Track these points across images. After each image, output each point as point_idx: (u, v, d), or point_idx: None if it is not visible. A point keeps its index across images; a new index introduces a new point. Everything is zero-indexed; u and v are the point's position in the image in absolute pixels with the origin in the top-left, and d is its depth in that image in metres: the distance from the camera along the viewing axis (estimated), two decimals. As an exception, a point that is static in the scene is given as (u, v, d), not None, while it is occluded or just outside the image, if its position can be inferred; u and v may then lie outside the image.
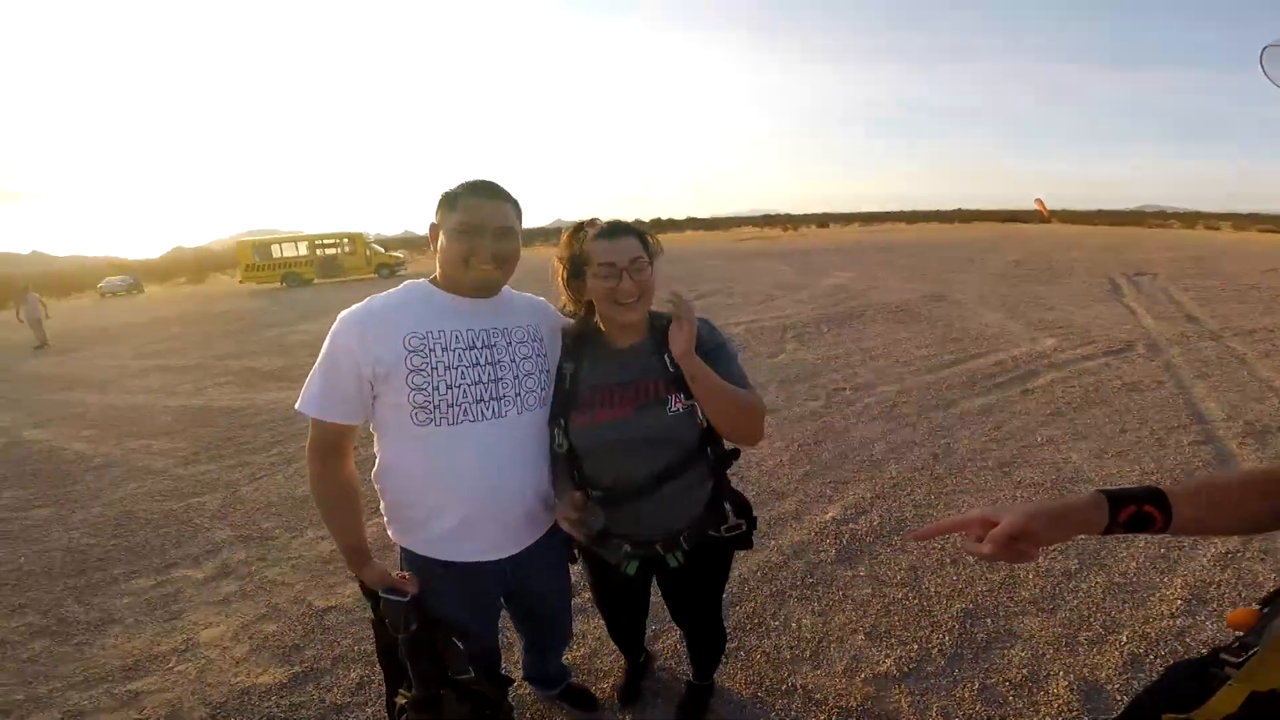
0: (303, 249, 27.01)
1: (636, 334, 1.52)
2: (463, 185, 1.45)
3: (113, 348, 12.64)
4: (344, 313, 1.43)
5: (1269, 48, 0.96)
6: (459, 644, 1.53)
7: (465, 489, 1.46)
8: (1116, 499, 0.87)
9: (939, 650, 2.29)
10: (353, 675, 2.40)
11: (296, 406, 1.43)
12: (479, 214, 1.41)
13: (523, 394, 1.49)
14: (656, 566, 1.63)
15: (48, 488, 4.88)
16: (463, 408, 1.42)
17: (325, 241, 27.10)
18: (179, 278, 46.45)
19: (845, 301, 10.34)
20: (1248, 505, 0.89)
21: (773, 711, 2.08)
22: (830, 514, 3.33)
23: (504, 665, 2.31)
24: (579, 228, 1.52)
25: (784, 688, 2.17)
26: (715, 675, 2.13)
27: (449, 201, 1.43)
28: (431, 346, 1.41)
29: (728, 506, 1.60)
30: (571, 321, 1.60)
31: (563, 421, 1.52)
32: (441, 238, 1.44)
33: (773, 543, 3.10)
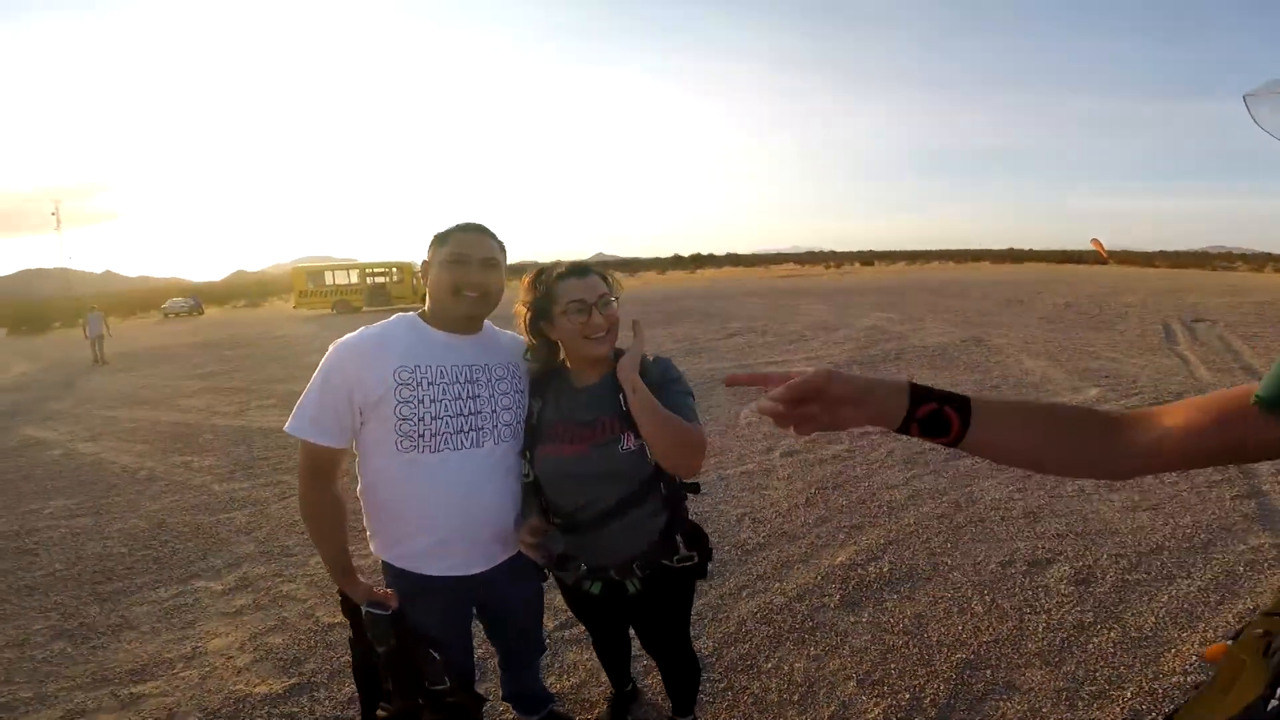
0: (353, 277, 28.03)
1: (597, 373, 1.60)
2: (454, 226, 1.58)
3: (169, 367, 13.26)
4: (338, 342, 1.53)
5: (1249, 97, 0.94)
6: (435, 655, 1.59)
7: (442, 511, 1.54)
8: (920, 392, 0.79)
9: (931, 700, 2.21)
10: (346, 689, 2.44)
11: (285, 428, 1.51)
12: (466, 247, 1.54)
13: (499, 426, 1.59)
14: (618, 591, 1.67)
15: (92, 498, 5.12)
16: (444, 437, 1.51)
17: (375, 270, 28.08)
18: (238, 300, 48.61)
19: (881, 343, 10.19)
20: (1053, 439, 0.80)
21: None
22: (840, 558, 3.26)
23: (480, 686, 2.34)
24: (540, 272, 1.60)
25: (768, 732, 2.12)
26: (699, 712, 2.10)
27: (440, 239, 1.56)
28: (419, 380, 1.51)
29: (679, 539, 1.65)
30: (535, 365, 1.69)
31: (529, 453, 1.61)
32: (432, 271, 1.55)
33: (777, 585, 3.04)
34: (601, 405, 1.55)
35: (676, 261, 74.72)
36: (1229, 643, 0.87)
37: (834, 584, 3.02)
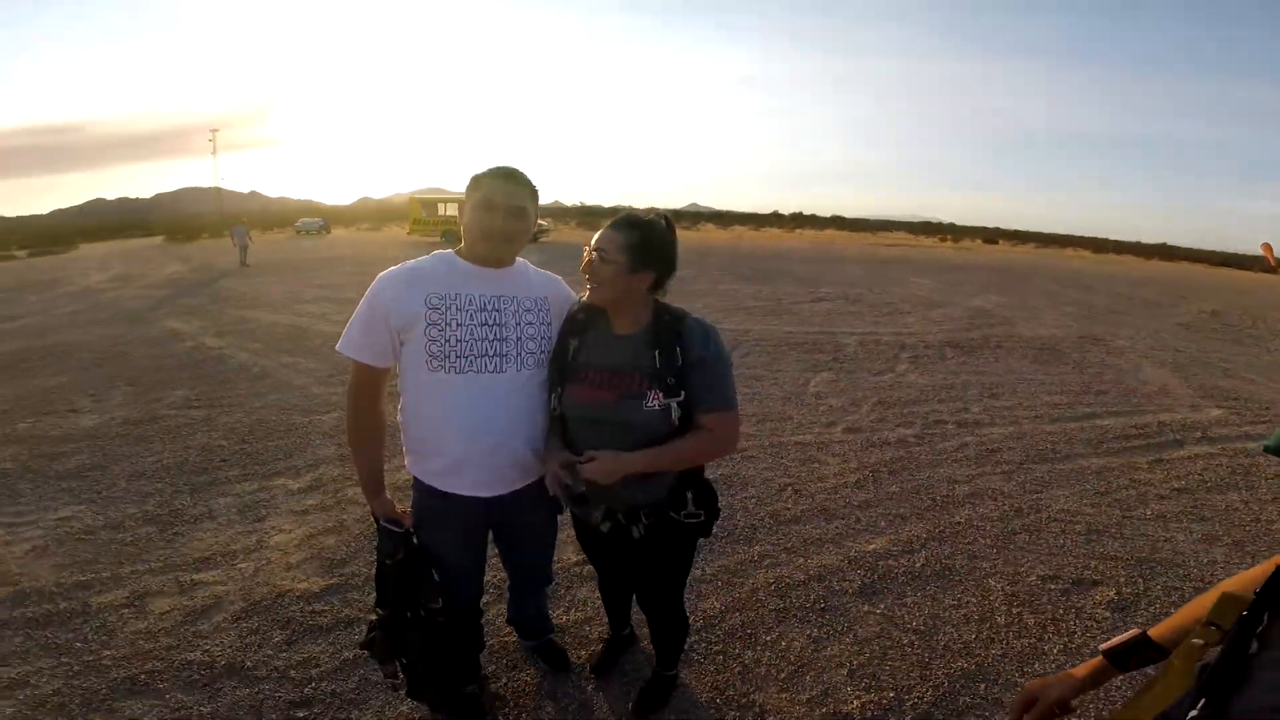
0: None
1: (636, 324, 1.65)
2: (489, 169, 1.66)
3: (294, 276, 14.48)
4: (382, 273, 1.68)
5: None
6: (436, 577, 1.75)
7: (460, 429, 1.67)
8: (1124, 664, 1.06)
9: (912, 704, 2.19)
10: (374, 595, 2.69)
11: (337, 347, 1.69)
12: (496, 194, 1.62)
13: (523, 355, 1.69)
14: (624, 534, 1.75)
15: (209, 390, 5.76)
16: (468, 359, 1.64)
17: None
18: (362, 223, 51.79)
19: (983, 328, 9.56)
20: None
21: None
22: (873, 546, 3.21)
23: (492, 610, 2.51)
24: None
25: (744, 701, 2.18)
26: (686, 669, 2.18)
27: (475, 182, 1.65)
28: (448, 305, 1.63)
29: (689, 495, 1.70)
30: (582, 301, 1.76)
31: (559, 389, 1.69)
32: (466, 212, 1.66)
33: (800, 561, 3.05)
34: (635, 358, 1.61)
35: (775, 219, 72.06)
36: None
37: (858, 570, 2.99)
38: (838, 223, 70.36)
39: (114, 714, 2.11)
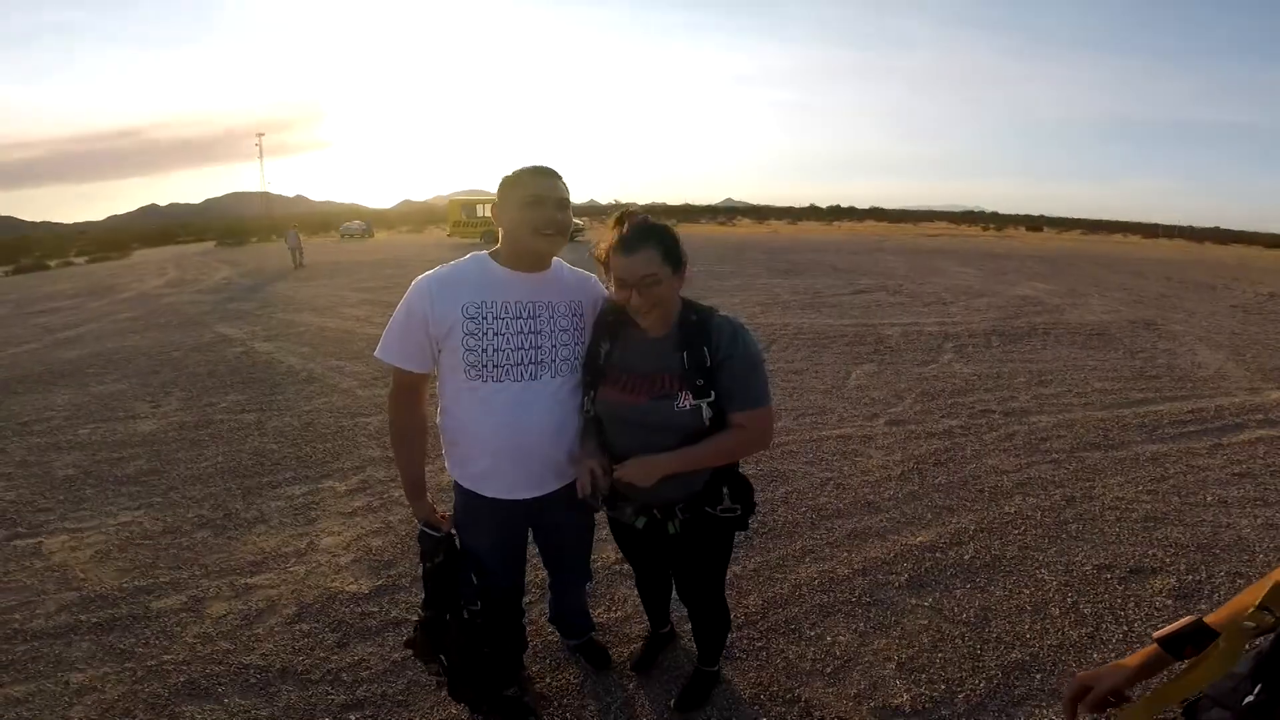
0: (496, 208, 29.50)
1: (665, 325, 1.64)
2: (528, 167, 1.65)
3: (339, 280, 14.86)
4: (418, 279, 1.69)
5: None
6: (474, 579, 1.77)
7: (497, 435, 1.68)
8: (1177, 651, 1.00)
9: (965, 696, 2.14)
10: (421, 595, 2.74)
11: (375, 354, 1.71)
12: (543, 189, 1.61)
13: (557, 361, 1.70)
14: (660, 530, 1.75)
15: (260, 394, 5.94)
16: (505, 368, 1.64)
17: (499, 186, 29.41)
18: (403, 226, 52.87)
19: (1030, 316, 9.28)
20: None
21: (764, 716, 2.09)
22: (920, 538, 3.15)
23: (535, 609, 2.53)
24: (619, 220, 1.63)
25: (788, 696, 2.16)
26: (730, 666, 2.18)
27: (513, 183, 1.63)
28: (485, 314, 1.63)
29: (725, 490, 1.70)
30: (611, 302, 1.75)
31: (593, 392, 1.70)
32: (509, 212, 1.63)
33: (844, 555, 3.01)
34: (665, 361, 1.61)
35: (812, 212, 71.06)
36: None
37: (906, 563, 2.94)
38: (877, 214, 69.13)
39: (176, 718, 2.17)
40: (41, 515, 3.68)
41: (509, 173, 1.66)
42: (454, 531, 1.83)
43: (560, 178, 1.66)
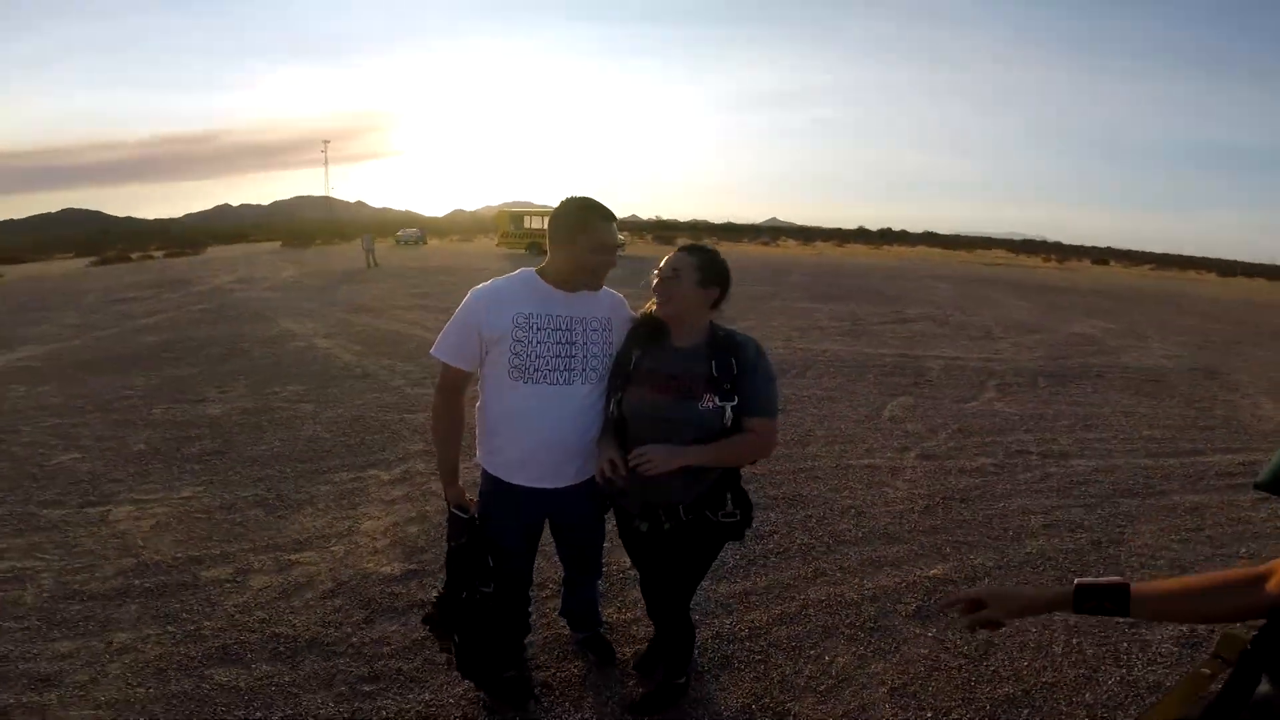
0: (547, 223, 30.03)
1: (695, 337, 1.86)
2: (595, 210, 1.87)
3: (394, 284, 15.47)
4: (475, 289, 1.93)
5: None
6: (491, 562, 1.97)
7: (529, 431, 1.91)
8: (1083, 600, 1.08)
9: None
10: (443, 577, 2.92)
11: (431, 351, 1.95)
12: (610, 237, 1.87)
13: (587, 370, 1.92)
14: (658, 530, 1.91)
15: (317, 387, 6.31)
16: (543, 372, 1.87)
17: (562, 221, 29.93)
18: (454, 235, 54.50)
19: (1083, 356, 9.01)
20: (1210, 604, 1.03)
21: None
22: (934, 571, 3.17)
23: (548, 604, 2.69)
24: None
25: (779, 709, 2.24)
26: (726, 674, 2.27)
27: (582, 223, 1.85)
28: (532, 325, 1.87)
29: (729, 496, 1.88)
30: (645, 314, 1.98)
31: (619, 394, 1.90)
32: (576, 250, 1.86)
33: (855, 580, 3.06)
34: (692, 367, 1.81)
35: (861, 234, 69.81)
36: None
37: (916, 593, 2.97)
38: (930, 239, 67.58)
39: (204, 680, 2.33)
40: (112, 486, 4.03)
41: (577, 208, 1.87)
42: (478, 516, 2.01)
43: (615, 220, 1.90)
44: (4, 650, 2.48)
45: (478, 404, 2.01)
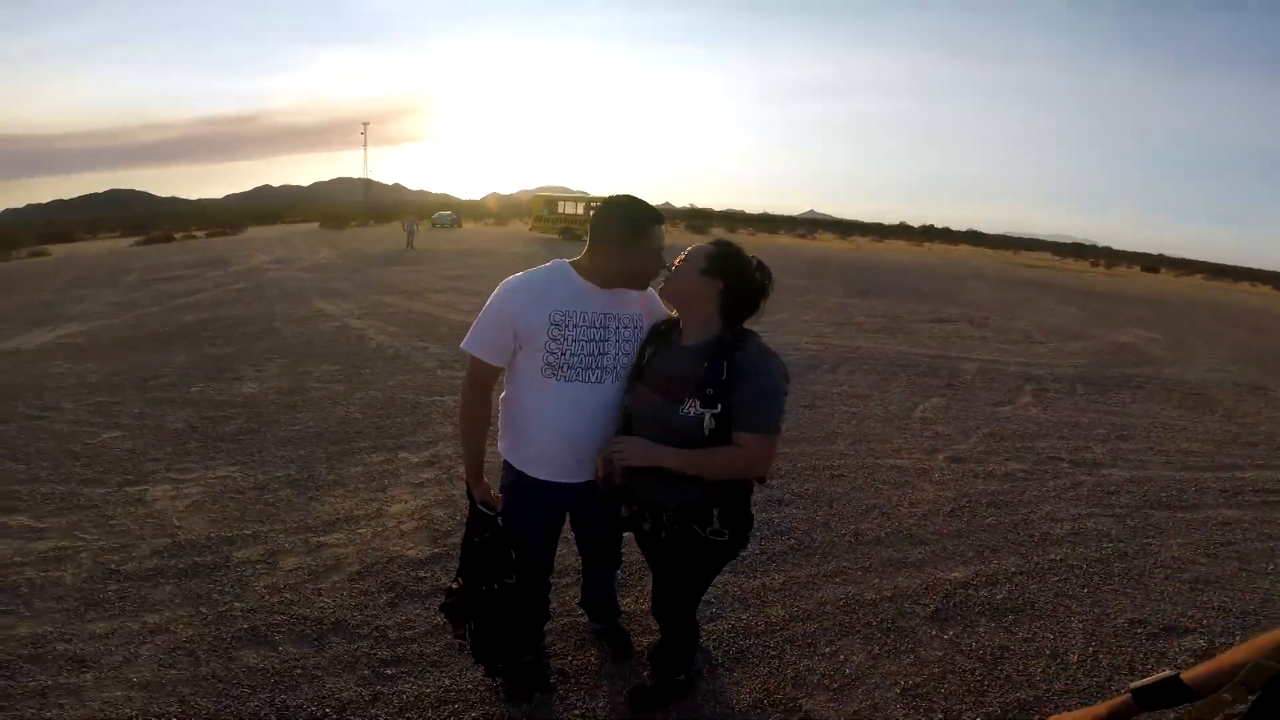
0: (580, 209, 30.11)
1: (702, 336, 1.78)
2: (645, 213, 1.84)
3: (428, 266, 15.70)
4: (507, 281, 1.90)
5: None
6: (513, 555, 1.98)
7: (558, 428, 1.90)
8: (1149, 705, 1.06)
9: None
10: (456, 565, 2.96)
11: (462, 345, 1.92)
12: (658, 241, 1.85)
13: (618, 369, 1.90)
14: (655, 535, 1.89)
15: (350, 367, 6.44)
16: (576, 370, 1.86)
17: (597, 204, 30.00)
18: (489, 218, 55.00)
19: (1124, 366, 8.74)
20: None
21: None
22: (955, 574, 3.14)
23: (567, 593, 2.72)
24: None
25: (790, 705, 2.25)
26: (740, 669, 2.28)
27: (635, 225, 1.83)
28: (568, 322, 1.84)
29: (716, 512, 1.76)
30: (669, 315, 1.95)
31: (632, 387, 1.87)
32: (626, 252, 1.84)
33: (875, 580, 3.04)
34: (688, 366, 1.74)
35: (902, 230, 68.42)
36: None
37: (935, 596, 2.95)
38: (973, 238, 66.04)
39: (233, 661, 2.38)
40: (150, 465, 4.14)
41: (631, 213, 1.84)
42: (500, 510, 2.03)
43: (663, 222, 1.87)
44: (44, 631, 2.55)
45: (503, 395, 2.01)
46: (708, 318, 1.77)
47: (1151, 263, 55.49)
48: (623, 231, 1.82)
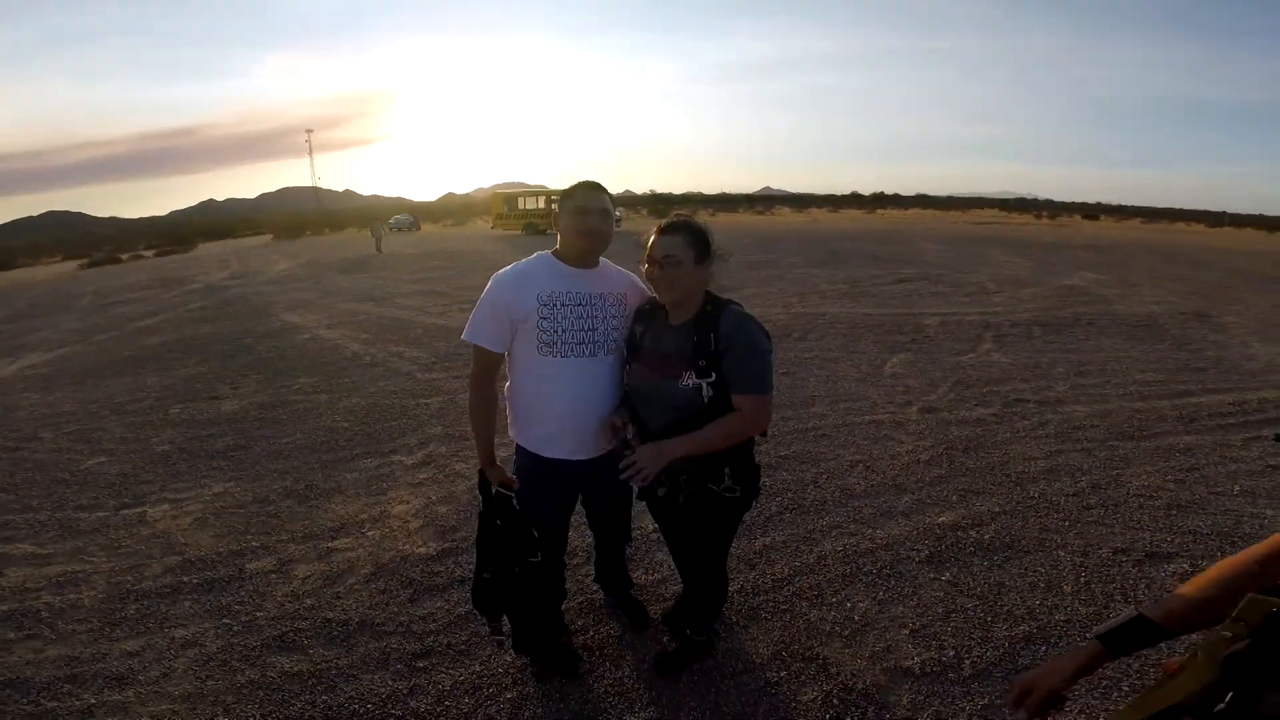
0: (541, 203, 29.87)
1: (686, 314, 1.91)
2: (581, 182, 2.01)
3: (393, 272, 15.47)
4: (498, 274, 2.04)
5: None
6: (535, 534, 2.09)
7: (563, 403, 2.03)
8: (1119, 649, 1.03)
9: (972, 662, 2.32)
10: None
11: (464, 337, 2.05)
12: (588, 201, 1.98)
13: (608, 343, 2.04)
14: (672, 499, 2.03)
15: (328, 377, 6.40)
16: (569, 346, 1.99)
17: (558, 197, 29.84)
18: (447, 219, 54.12)
19: (1075, 306, 9.16)
20: (1230, 600, 0.95)
21: (785, 670, 2.33)
22: (943, 518, 3.33)
23: (581, 570, 2.84)
24: (667, 220, 1.95)
25: (807, 654, 2.39)
26: (755, 625, 2.41)
27: (568, 195, 2.01)
28: (555, 302, 1.98)
29: (726, 470, 1.92)
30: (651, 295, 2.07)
31: (628, 366, 2.02)
32: (563, 219, 2.01)
33: (868, 531, 3.21)
34: (679, 344, 1.88)
35: (854, 199, 69.57)
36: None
37: (927, 540, 3.12)
38: (923, 201, 67.38)
39: (267, 668, 2.43)
40: (144, 486, 4.13)
41: (571, 185, 2.01)
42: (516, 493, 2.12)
43: (605, 192, 2.01)
44: (74, 652, 2.58)
45: (507, 386, 2.12)
46: (693, 293, 1.89)
47: (1091, 210, 57.31)
48: (560, 201, 2.02)
